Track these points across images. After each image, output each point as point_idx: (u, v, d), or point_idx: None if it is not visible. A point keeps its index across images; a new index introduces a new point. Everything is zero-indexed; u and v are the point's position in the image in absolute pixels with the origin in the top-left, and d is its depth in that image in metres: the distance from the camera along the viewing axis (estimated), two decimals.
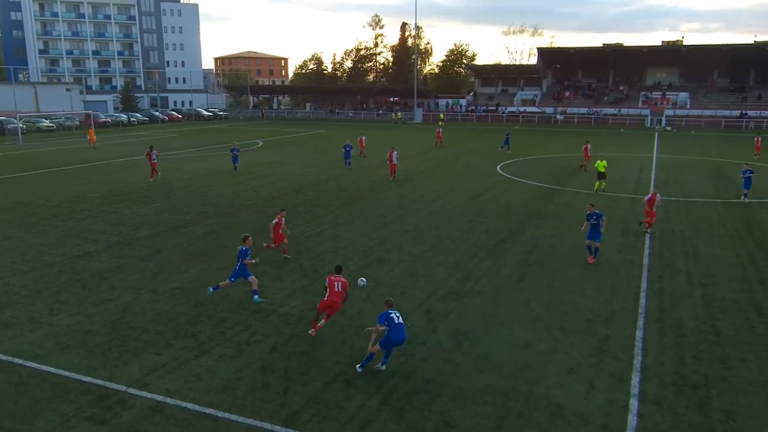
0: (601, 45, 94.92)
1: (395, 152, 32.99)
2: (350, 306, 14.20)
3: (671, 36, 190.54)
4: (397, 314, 11.00)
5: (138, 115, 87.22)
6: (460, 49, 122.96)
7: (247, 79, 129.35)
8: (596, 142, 42.69)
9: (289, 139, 60.52)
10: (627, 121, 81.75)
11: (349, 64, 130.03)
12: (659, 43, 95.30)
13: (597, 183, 29.16)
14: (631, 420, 9.56)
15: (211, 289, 14.46)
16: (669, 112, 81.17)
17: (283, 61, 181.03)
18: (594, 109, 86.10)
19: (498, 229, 21.96)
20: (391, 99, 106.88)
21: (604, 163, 29.19)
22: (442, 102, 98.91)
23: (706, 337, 12.69)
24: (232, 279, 14.37)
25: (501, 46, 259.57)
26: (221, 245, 19.68)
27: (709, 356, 11.78)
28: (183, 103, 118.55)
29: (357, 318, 13.56)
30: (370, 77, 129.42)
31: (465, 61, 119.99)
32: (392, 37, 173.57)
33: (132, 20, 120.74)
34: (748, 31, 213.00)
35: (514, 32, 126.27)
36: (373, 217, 23.80)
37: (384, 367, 11.06)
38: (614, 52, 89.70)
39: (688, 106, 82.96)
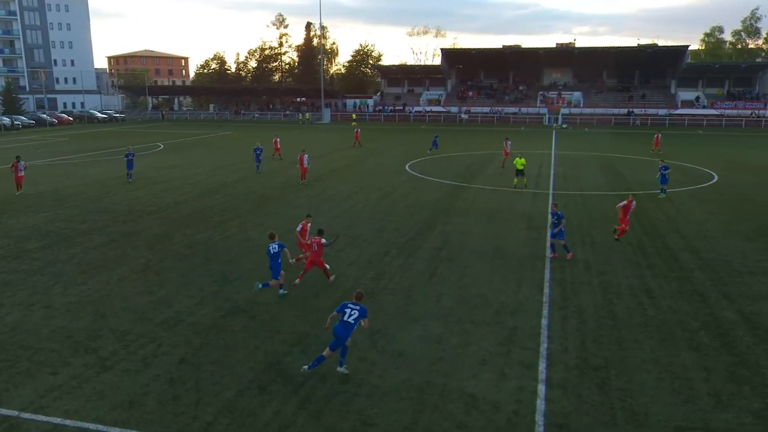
0: (500, 46, 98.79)
1: (306, 155, 32.51)
2: (263, 310, 13.93)
3: (565, 38, 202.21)
4: (357, 309, 10.78)
5: (22, 117, 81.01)
6: (365, 50, 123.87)
7: (145, 79, 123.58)
8: (500, 139, 44.42)
9: (193, 142, 58.44)
10: (527, 119, 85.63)
11: (253, 64, 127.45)
12: (554, 45, 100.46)
13: (516, 179, 30.42)
14: (540, 405, 9.99)
15: (282, 292, 14.77)
16: (565, 110, 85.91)
17: (183, 61, 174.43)
18: (496, 108, 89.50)
19: (408, 227, 22.29)
20: (298, 99, 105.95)
21: (523, 160, 30.55)
22: (350, 102, 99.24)
23: (604, 321, 13.50)
24: (276, 277, 14.62)
25: (406, 46, 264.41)
26: (122, 254, 18.65)
27: (607, 339, 12.54)
28: (74, 105, 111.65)
29: (269, 322, 13.30)
30: (276, 77, 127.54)
31: (371, 61, 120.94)
32: (297, 37, 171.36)
33: (12, 15, 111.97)
34: (632, 34, 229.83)
35: (418, 33, 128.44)
36: (283, 219, 23.44)
37: (307, 369, 10.77)
38: (513, 54, 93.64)
39: (581, 105, 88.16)
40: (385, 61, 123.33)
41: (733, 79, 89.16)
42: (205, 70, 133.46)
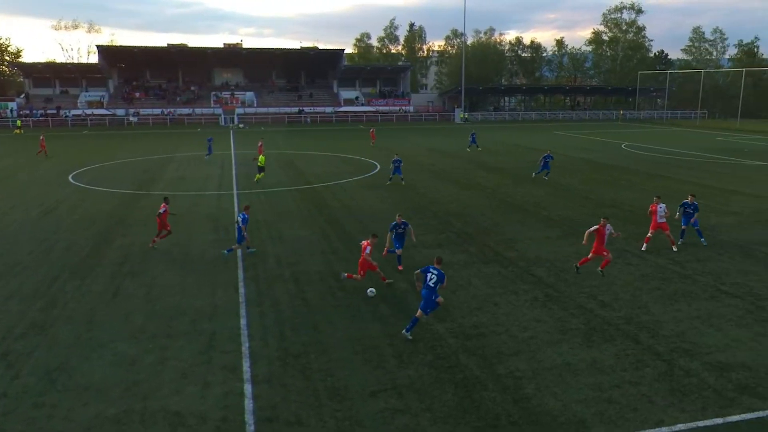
0: (166, 45, 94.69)
1: None
2: None
3: (232, 39, 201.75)
4: (436, 274, 11.87)
5: None
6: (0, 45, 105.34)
7: None
8: (174, 142, 42.74)
9: None
10: (202, 120, 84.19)
11: None
12: (222, 45, 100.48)
13: (258, 175, 32.06)
14: (248, 404, 9.92)
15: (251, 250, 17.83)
16: (239, 110, 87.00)
17: None
18: (168, 110, 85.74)
19: (81, 243, 19.81)
20: None
21: (263, 158, 33.28)
22: None
23: (299, 309, 14.10)
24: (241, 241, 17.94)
25: (53, 42, 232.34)
26: None
27: (304, 326, 13.12)
28: None
29: None
30: None
31: (8, 58, 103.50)
32: None
33: None
34: (295, 37, 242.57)
35: (66, 27, 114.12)
36: None
37: (405, 332, 12.28)
38: (180, 53, 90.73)
39: (255, 105, 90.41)
40: (28, 58, 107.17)
41: (383, 79, 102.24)
42: None
